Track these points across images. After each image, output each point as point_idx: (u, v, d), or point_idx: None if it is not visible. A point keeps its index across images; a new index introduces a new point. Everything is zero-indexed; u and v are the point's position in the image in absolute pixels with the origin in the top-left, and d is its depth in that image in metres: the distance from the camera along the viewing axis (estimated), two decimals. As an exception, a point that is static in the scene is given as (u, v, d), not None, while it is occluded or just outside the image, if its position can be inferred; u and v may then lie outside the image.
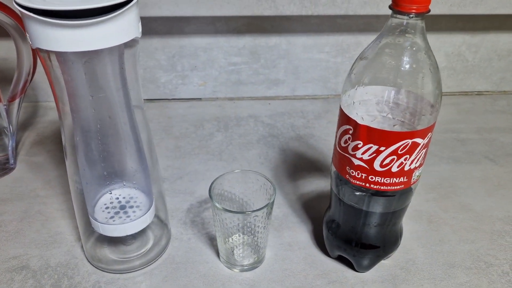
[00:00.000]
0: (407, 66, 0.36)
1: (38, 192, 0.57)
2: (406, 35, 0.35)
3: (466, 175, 0.62)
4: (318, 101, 0.81)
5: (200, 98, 0.80)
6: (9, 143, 0.60)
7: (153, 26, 0.71)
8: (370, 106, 0.38)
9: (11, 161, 0.61)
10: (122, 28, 0.34)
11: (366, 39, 0.76)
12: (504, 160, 0.66)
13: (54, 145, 0.67)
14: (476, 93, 0.85)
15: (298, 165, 0.63)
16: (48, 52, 0.34)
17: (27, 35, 0.33)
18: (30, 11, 0.31)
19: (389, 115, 0.37)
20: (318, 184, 0.60)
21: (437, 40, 0.78)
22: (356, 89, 0.38)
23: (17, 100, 0.59)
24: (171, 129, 0.71)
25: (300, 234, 0.52)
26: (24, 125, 0.71)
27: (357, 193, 0.41)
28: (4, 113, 0.59)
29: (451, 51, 0.80)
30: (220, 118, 0.74)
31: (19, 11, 0.32)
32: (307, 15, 0.68)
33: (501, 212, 0.55)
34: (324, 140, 0.69)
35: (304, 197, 0.57)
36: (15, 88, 0.58)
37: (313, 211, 0.55)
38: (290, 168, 0.63)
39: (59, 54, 0.35)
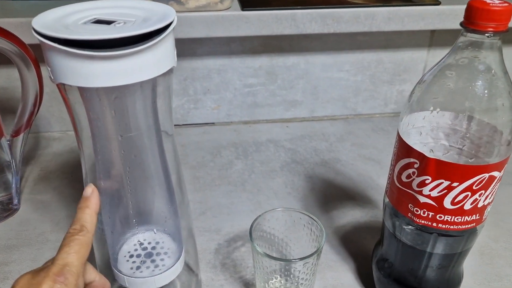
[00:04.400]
0: (483, 92, 0.31)
1: (47, 236, 0.51)
2: (481, 56, 0.31)
3: (508, 198, 0.58)
4: (338, 122, 0.76)
5: (214, 123, 0.75)
6: (13, 181, 0.55)
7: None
8: (439, 138, 0.33)
9: (15, 201, 0.56)
10: (158, 58, 0.29)
11: (387, 56, 0.72)
12: (545, 180, 0.62)
13: (60, 180, 0.61)
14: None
15: (328, 193, 0.59)
16: (72, 88, 0.29)
17: (49, 69, 0.28)
18: (53, 41, 0.27)
19: (463, 147, 0.33)
20: (353, 215, 0.55)
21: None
22: (419, 117, 0.34)
23: (21, 135, 0.54)
24: (187, 158, 0.66)
25: (343, 274, 0.47)
26: (26, 159, 0.65)
27: (421, 233, 0.36)
28: (7, 149, 0.53)
29: None
30: (238, 144, 0.70)
31: (40, 41, 0.27)
32: (329, 33, 0.64)
33: (555, 239, 0.51)
34: (352, 164, 0.65)
35: (340, 230, 0.53)
36: (19, 120, 0.53)
37: (353, 246, 0.50)
38: (320, 198, 0.58)
39: (85, 90, 0.30)
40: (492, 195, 0.34)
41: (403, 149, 0.35)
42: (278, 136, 0.72)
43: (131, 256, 0.40)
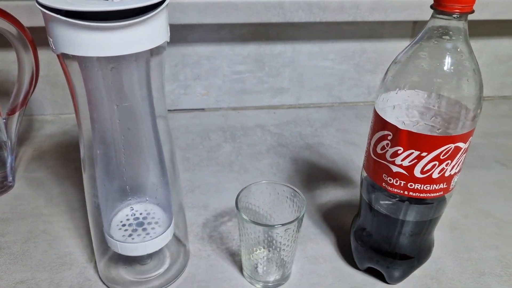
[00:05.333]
0: (450, 69, 0.34)
1: (42, 210, 0.54)
2: (448, 36, 0.34)
3: (480, 180, 0.62)
4: (324, 109, 0.79)
5: (203, 109, 0.78)
6: (8, 159, 0.57)
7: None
8: (410, 111, 0.36)
9: (10, 178, 0.57)
10: (153, 31, 0.31)
11: (371, 46, 0.75)
12: (516, 164, 0.65)
13: (54, 160, 0.63)
14: (477, 98, 0.85)
15: (311, 174, 0.62)
16: (72, 58, 0.31)
17: (50, 39, 0.31)
18: (55, 12, 0.29)
19: (431, 120, 0.36)
20: (335, 194, 0.58)
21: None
22: (393, 94, 0.37)
23: (17, 114, 0.56)
24: (177, 140, 0.68)
25: (324, 246, 0.49)
26: (20, 140, 0.67)
27: (394, 201, 0.39)
28: (3, 127, 0.55)
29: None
30: (226, 128, 0.72)
31: (42, 12, 0.30)
32: (315, 21, 0.67)
33: (522, 216, 0.55)
34: (335, 148, 0.68)
35: (323, 208, 0.55)
36: (15, 100, 0.55)
37: (334, 221, 0.53)
38: (304, 178, 0.61)
39: (84, 60, 0.32)
40: (458, 165, 0.37)
41: (379, 123, 0.38)
42: (265, 121, 0.75)
43: (124, 225, 0.43)
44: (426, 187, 0.37)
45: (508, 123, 0.77)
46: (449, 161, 0.36)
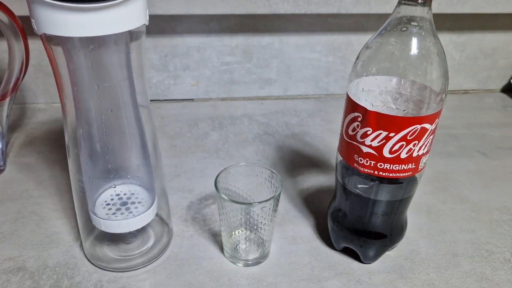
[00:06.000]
0: (415, 54, 0.36)
1: (31, 193, 0.55)
2: (414, 23, 0.35)
3: (460, 168, 0.63)
4: (311, 100, 0.81)
5: (193, 99, 0.79)
6: (-1, 143, 0.58)
7: (145, 25, 0.70)
8: (378, 94, 0.38)
9: (1, 163, 0.59)
10: (131, 13, 0.33)
11: (356, 39, 0.77)
12: (496, 154, 0.67)
13: (45, 146, 0.65)
14: (463, 91, 0.87)
15: (295, 161, 0.63)
16: (54, 38, 0.33)
17: (33, 20, 0.32)
18: (37, -5, 0.30)
19: (397, 102, 0.38)
20: (317, 180, 0.60)
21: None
22: (363, 78, 0.38)
23: (7, 99, 0.57)
24: (165, 129, 0.70)
25: (303, 228, 0.51)
26: (12, 127, 0.69)
27: (365, 182, 0.41)
28: (-6, 113, 0.57)
29: (439, 50, 0.81)
30: (214, 118, 0.74)
31: (25, -5, 0.31)
32: (300, 13, 0.69)
33: (497, 202, 0.56)
34: (319, 137, 0.70)
35: (304, 193, 0.57)
36: (6, 85, 0.56)
37: (314, 205, 0.55)
38: (288, 165, 0.62)
39: (65, 41, 0.34)
40: (425, 146, 0.39)
41: (350, 105, 0.39)
42: (253, 111, 0.76)
43: (108, 204, 0.44)
44: (395, 167, 0.39)
45: (492, 115, 0.79)
46: (416, 142, 0.38)
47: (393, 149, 0.38)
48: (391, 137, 0.37)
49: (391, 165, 0.39)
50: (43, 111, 0.74)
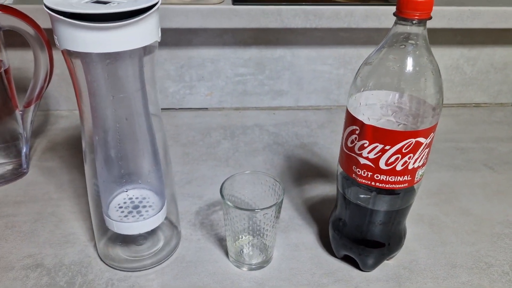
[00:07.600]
0: (410, 70, 0.38)
1: (51, 195, 0.59)
2: (409, 41, 0.37)
3: (466, 181, 0.64)
4: (321, 111, 0.83)
5: (207, 108, 0.82)
6: (23, 148, 0.62)
7: (162, 38, 0.73)
8: (376, 108, 0.40)
9: (24, 166, 0.63)
10: (144, 31, 0.36)
11: (367, 52, 0.78)
12: (502, 168, 0.68)
13: (66, 151, 0.69)
14: (474, 105, 0.88)
15: (303, 171, 0.65)
16: (74, 53, 0.36)
17: (55, 37, 0.36)
18: (60, 14, 0.34)
19: (394, 117, 0.39)
20: (323, 190, 0.61)
21: (436, 54, 0.80)
22: (361, 93, 0.40)
23: (32, 106, 0.61)
24: (179, 137, 0.73)
25: (306, 235, 0.53)
26: (36, 133, 0.73)
27: (363, 192, 0.43)
28: (19, 119, 0.61)
29: (449, 64, 0.82)
30: (227, 127, 0.77)
31: (49, 14, 0.34)
32: (311, 28, 0.71)
33: (500, 216, 0.57)
34: (328, 148, 0.71)
35: (309, 201, 0.59)
36: (31, 94, 0.60)
37: (318, 214, 0.57)
38: (295, 174, 0.64)
39: (84, 56, 0.37)
40: (421, 159, 0.40)
41: (349, 119, 0.41)
42: (264, 121, 0.79)
43: (121, 207, 0.47)
44: (391, 179, 0.41)
45: (501, 129, 0.79)
46: (411, 155, 0.39)
47: (389, 161, 0.40)
48: (387, 150, 0.39)
49: (387, 176, 0.41)
50: (65, 117, 0.78)
